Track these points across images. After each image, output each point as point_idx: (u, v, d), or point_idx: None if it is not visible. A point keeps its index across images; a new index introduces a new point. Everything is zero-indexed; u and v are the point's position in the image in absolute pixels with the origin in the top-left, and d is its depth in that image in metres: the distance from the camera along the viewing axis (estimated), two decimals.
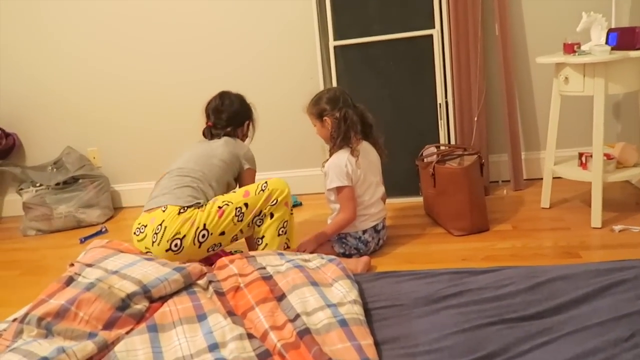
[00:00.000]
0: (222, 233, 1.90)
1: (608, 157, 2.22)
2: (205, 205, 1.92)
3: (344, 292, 1.47)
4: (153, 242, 1.86)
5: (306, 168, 3.04)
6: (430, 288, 1.53)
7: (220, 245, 1.96)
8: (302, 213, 2.79)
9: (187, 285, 1.57)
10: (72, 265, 1.63)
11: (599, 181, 2.13)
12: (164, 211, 1.88)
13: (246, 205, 1.92)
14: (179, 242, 1.84)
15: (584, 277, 1.46)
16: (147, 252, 1.86)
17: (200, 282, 1.61)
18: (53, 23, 3.10)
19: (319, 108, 2.14)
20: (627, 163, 2.27)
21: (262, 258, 1.71)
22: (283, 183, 1.99)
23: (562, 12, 2.60)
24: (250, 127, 2.29)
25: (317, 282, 1.53)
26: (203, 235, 1.87)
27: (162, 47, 3.05)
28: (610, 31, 2.11)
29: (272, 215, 1.96)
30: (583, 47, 2.14)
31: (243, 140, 2.26)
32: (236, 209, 1.91)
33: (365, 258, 2.04)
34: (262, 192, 1.94)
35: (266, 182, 1.97)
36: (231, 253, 2.02)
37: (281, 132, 3.04)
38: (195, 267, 1.64)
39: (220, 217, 1.89)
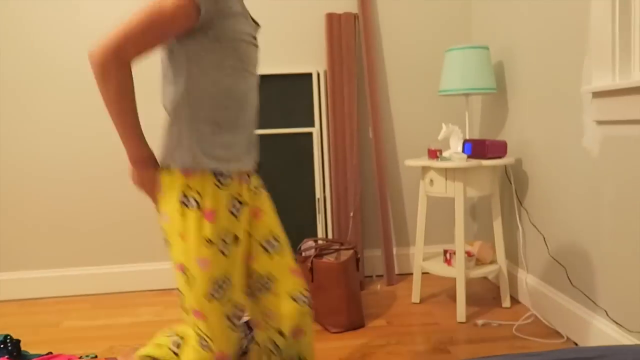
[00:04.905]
0: None
1: (469, 254, 2.40)
2: None
3: None
4: None
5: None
6: None
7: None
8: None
9: None
10: None
11: (462, 277, 2.27)
12: None
13: None
14: None
15: None
16: None
17: None
18: None
19: None
20: (485, 260, 2.47)
21: None
22: None
23: (426, 122, 2.91)
24: None
25: None
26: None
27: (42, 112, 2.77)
28: (466, 141, 2.38)
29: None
30: (444, 154, 2.37)
31: None
32: None
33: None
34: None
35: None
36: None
37: (134, 223, 2.85)
38: None
39: None
